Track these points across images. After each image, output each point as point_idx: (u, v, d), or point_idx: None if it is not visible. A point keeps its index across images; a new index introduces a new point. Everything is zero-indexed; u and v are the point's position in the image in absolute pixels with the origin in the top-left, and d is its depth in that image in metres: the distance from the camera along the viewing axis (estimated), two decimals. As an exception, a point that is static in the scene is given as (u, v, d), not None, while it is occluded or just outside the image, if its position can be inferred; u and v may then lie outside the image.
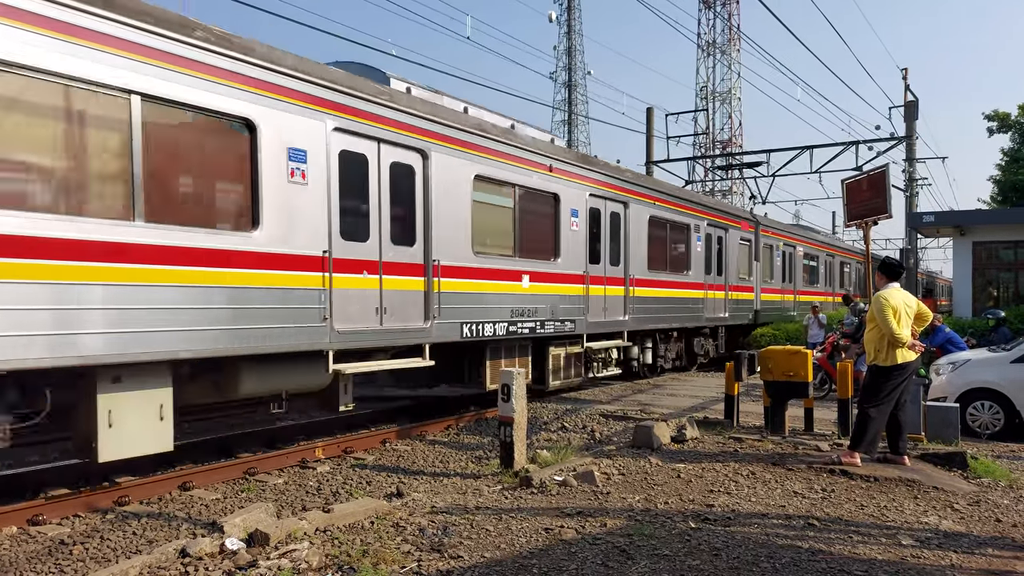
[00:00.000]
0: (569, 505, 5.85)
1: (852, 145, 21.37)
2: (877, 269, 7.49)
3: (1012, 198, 27.30)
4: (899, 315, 6.85)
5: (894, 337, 6.80)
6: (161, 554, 4.62)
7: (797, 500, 6.05)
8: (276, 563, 4.44)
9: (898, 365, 6.89)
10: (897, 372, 6.92)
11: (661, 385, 14.35)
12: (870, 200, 9.33)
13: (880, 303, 6.88)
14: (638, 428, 8.29)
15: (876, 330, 6.96)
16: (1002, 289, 17.86)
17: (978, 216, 19.10)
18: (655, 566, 4.48)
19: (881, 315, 6.82)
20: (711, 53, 65.83)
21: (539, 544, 4.89)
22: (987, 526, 5.45)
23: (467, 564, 4.51)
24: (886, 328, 6.79)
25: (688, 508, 5.81)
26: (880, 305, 6.86)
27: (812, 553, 4.72)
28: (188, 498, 6.62)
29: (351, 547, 4.77)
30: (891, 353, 6.88)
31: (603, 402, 11.84)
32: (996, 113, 28.42)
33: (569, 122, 70.53)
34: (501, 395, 7.06)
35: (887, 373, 6.92)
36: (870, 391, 7.03)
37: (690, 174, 26.57)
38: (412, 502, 6.07)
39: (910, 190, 22.68)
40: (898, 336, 6.80)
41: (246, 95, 6.75)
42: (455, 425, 10.16)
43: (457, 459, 8.22)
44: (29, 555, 5.13)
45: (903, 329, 6.84)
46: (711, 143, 62.10)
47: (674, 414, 10.40)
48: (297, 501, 6.56)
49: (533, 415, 10.28)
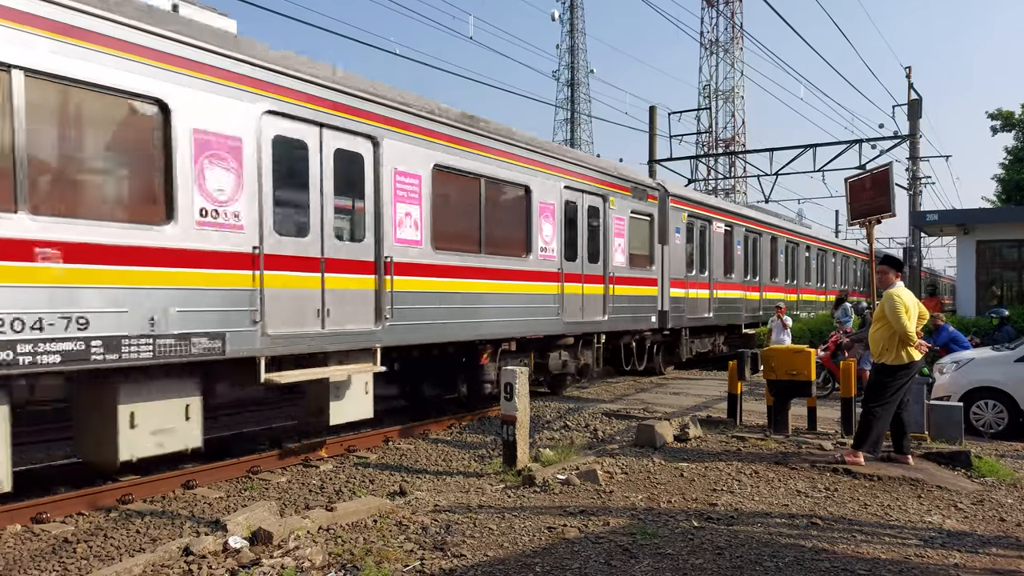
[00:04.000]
0: (572, 504, 5.84)
1: (855, 144, 21.33)
2: (883, 264, 7.37)
3: (1016, 197, 27.22)
4: (911, 314, 6.84)
5: (907, 336, 6.76)
6: (165, 552, 4.63)
7: (800, 499, 6.04)
8: (279, 562, 4.45)
9: (905, 364, 6.87)
10: (904, 371, 6.90)
11: (664, 384, 14.35)
12: (874, 199, 9.28)
13: (894, 301, 6.81)
14: (641, 427, 8.28)
15: (885, 328, 6.90)
16: (1006, 288, 17.82)
17: (982, 215, 19.06)
18: (658, 565, 4.48)
19: (895, 313, 6.76)
20: (714, 51, 65.74)
21: (542, 543, 4.89)
22: (991, 525, 5.44)
23: (470, 563, 4.51)
24: (899, 327, 6.74)
25: (691, 507, 5.80)
26: (894, 303, 6.80)
27: (815, 552, 4.72)
28: (191, 497, 6.63)
29: (354, 545, 4.77)
30: (900, 352, 6.85)
31: (606, 401, 11.84)
32: (1000, 112, 28.32)
33: (572, 120, 70.50)
34: (504, 394, 7.06)
35: (894, 372, 6.90)
36: (876, 390, 7.00)
37: (693, 173, 26.53)
38: (415, 501, 6.07)
39: (914, 189, 22.64)
40: (911, 335, 6.77)
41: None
42: (458, 424, 10.16)
43: (460, 458, 8.22)
44: (33, 553, 5.15)
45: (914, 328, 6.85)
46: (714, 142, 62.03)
47: (677, 413, 10.39)
48: (300, 500, 6.56)
49: (535, 414, 10.28)
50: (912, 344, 6.84)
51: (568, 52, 70.08)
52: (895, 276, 7.14)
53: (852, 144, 21.42)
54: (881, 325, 6.96)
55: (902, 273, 7.34)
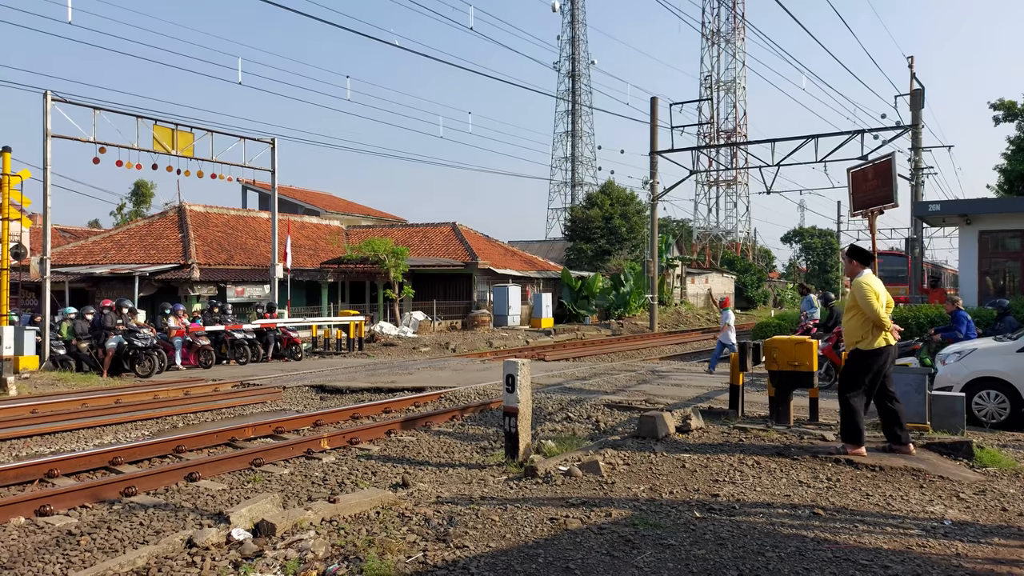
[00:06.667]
0: (574, 495, 5.85)
1: (858, 134, 21.27)
2: (848, 255, 7.48)
3: (1019, 187, 27.11)
4: (880, 300, 6.95)
5: (880, 321, 6.87)
6: (168, 544, 4.64)
7: (802, 490, 6.04)
8: (283, 553, 4.46)
9: (881, 348, 6.95)
10: (880, 356, 6.97)
11: (666, 375, 14.35)
12: (876, 189, 9.27)
13: (864, 288, 6.93)
14: (643, 418, 8.29)
15: (858, 316, 7.01)
16: (1008, 278, 17.77)
17: (984, 205, 18.97)
18: (660, 556, 4.49)
19: (866, 300, 6.87)
20: (715, 42, 65.45)
21: (544, 534, 4.90)
22: (993, 515, 5.44)
23: (472, 554, 4.52)
24: (872, 313, 6.85)
25: (693, 498, 5.81)
26: (864, 291, 6.92)
27: (817, 542, 4.72)
28: (194, 489, 6.65)
29: (357, 537, 4.78)
30: (874, 338, 6.94)
31: (608, 392, 11.84)
32: (1002, 102, 28.17)
33: (573, 112, 70.28)
34: (506, 386, 7.06)
35: (870, 357, 6.96)
36: (853, 377, 7.04)
37: (694, 164, 26.46)
38: (417, 492, 6.08)
39: (916, 179, 22.56)
40: (884, 320, 6.88)
41: None
42: (460, 416, 10.17)
43: (462, 450, 8.23)
44: (37, 545, 5.17)
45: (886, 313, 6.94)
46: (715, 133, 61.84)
47: (679, 404, 10.39)
48: (303, 492, 6.58)
49: (537, 406, 10.29)
50: (886, 329, 6.94)
51: (569, 43, 69.82)
52: (860, 266, 7.24)
53: (854, 134, 21.36)
54: (854, 314, 7.07)
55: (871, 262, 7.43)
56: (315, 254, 32.25)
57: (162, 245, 27.53)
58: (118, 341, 16.06)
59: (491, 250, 36.06)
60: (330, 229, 37.15)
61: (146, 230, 29.17)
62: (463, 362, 18.63)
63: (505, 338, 28.37)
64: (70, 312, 17.58)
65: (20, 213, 15.42)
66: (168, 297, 23.85)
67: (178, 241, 27.78)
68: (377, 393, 12.75)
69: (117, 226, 37.74)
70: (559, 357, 22.03)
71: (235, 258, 28.43)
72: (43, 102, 17.04)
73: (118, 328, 16.37)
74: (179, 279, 24.79)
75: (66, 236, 33.75)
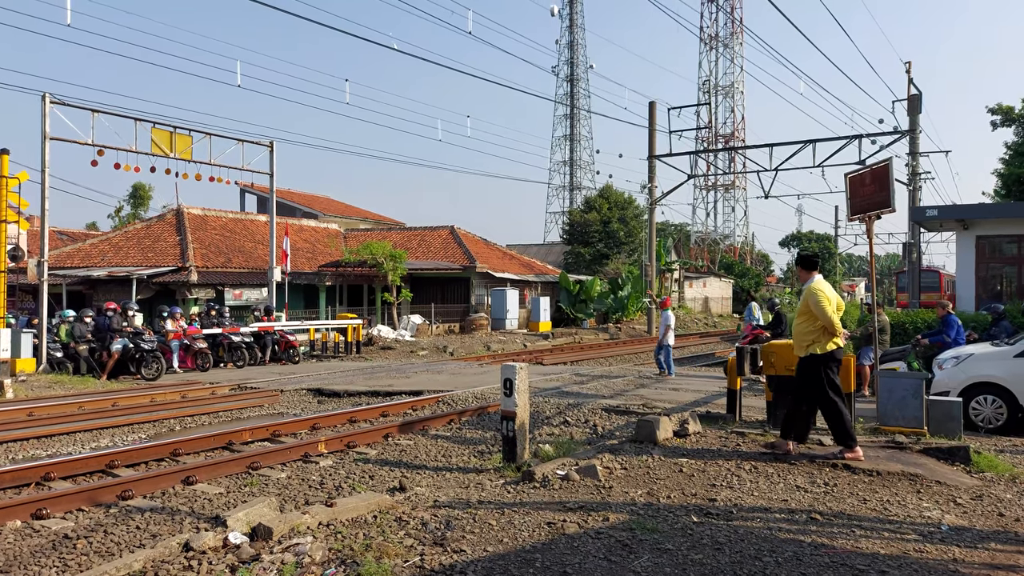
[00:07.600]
0: (571, 499, 5.85)
1: (855, 139, 21.32)
2: (797, 264, 7.60)
3: (1016, 192, 27.18)
4: (832, 304, 7.07)
5: (833, 328, 6.97)
6: (165, 548, 4.63)
7: (800, 494, 6.04)
8: (279, 557, 4.45)
9: (833, 351, 7.07)
10: (833, 357, 7.09)
11: (664, 380, 14.35)
12: (874, 194, 9.25)
13: (817, 296, 7.03)
14: (640, 422, 8.29)
15: (809, 321, 7.11)
16: (1005, 283, 17.80)
17: (981, 210, 19.03)
18: (658, 560, 4.49)
19: (819, 306, 6.97)
20: (714, 47, 65.63)
21: (541, 538, 4.90)
22: (990, 520, 5.44)
23: (470, 558, 4.51)
24: (826, 319, 6.95)
25: (690, 502, 5.81)
26: (817, 298, 7.02)
27: (815, 547, 4.72)
28: (191, 492, 6.64)
29: (354, 541, 4.78)
30: (826, 341, 7.05)
31: (605, 396, 11.84)
32: (1000, 107, 28.26)
33: (571, 116, 70.36)
34: (504, 390, 7.06)
35: (825, 360, 7.06)
36: (815, 382, 7.10)
37: (692, 168, 26.51)
38: (415, 496, 6.07)
39: (913, 184, 22.62)
40: (836, 326, 6.98)
41: None
42: (457, 419, 10.16)
43: (459, 453, 8.23)
44: (33, 549, 5.15)
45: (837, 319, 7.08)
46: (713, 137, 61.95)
47: (676, 409, 10.39)
48: (300, 495, 6.57)
49: (535, 409, 10.29)
50: (838, 334, 7.04)
51: (567, 48, 69.97)
52: (810, 272, 7.37)
53: (852, 139, 21.42)
54: (805, 319, 7.16)
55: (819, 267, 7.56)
56: (313, 257, 32.25)
57: (160, 248, 27.52)
58: (124, 343, 16.04)
59: (489, 254, 36.08)
60: (328, 232, 37.15)
61: (144, 233, 29.16)
62: (461, 366, 18.62)
63: (503, 342, 28.36)
64: (68, 315, 17.55)
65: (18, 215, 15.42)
66: (166, 300, 23.83)
67: (176, 244, 27.78)
68: (374, 397, 12.75)
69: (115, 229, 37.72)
70: (557, 361, 22.04)
71: (233, 261, 28.43)
72: (42, 104, 17.04)
73: (124, 330, 16.35)
74: (177, 282, 24.77)
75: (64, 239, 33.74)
